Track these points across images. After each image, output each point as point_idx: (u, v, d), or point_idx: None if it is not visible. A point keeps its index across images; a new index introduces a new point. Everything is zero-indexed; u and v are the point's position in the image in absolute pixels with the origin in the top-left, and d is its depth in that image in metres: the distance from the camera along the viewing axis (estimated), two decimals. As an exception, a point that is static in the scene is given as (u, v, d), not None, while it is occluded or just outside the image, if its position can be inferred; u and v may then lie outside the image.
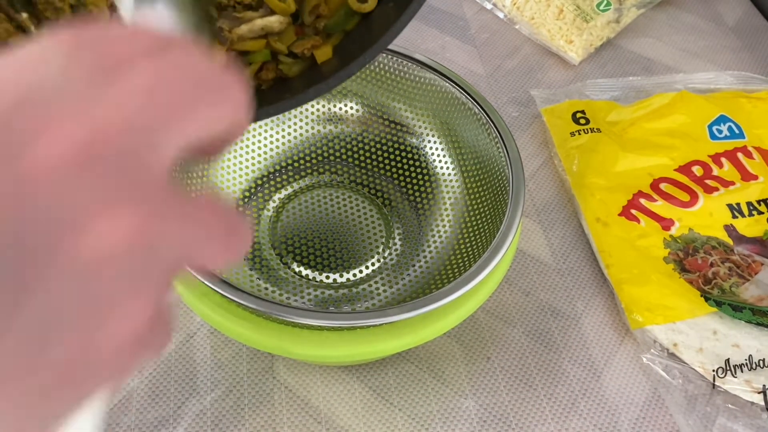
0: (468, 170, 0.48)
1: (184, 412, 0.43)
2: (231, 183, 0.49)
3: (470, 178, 0.48)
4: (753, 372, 0.44)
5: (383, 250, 0.48)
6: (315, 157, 0.52)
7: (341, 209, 0.50)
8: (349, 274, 0.46)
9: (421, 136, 0.51)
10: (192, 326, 0.47)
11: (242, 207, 0.49)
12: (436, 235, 0.48)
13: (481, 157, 0.47)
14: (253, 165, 0.50)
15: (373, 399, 0.44)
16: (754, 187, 0.54)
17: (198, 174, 0.46)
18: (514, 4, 0.73)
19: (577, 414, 0.44)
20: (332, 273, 0.46)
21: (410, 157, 0.51)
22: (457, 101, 0.47)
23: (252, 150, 0.50)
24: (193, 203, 0.16)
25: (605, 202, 0.54)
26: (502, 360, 0.46)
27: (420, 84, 0.49)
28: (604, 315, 0.49)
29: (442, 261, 0.46)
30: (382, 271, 0.47)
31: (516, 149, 0.43)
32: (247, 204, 0.49)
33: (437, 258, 0.46)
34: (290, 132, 0.52)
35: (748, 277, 0.49)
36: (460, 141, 0.49)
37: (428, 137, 0.50)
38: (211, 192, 0.20)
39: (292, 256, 0.47)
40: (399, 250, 0.48)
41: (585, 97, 0.64)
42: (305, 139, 0.52)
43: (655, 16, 0.76)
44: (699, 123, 0.59)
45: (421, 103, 0.50)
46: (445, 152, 0.50)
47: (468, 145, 0.48)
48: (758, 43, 0.73)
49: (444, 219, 0.48)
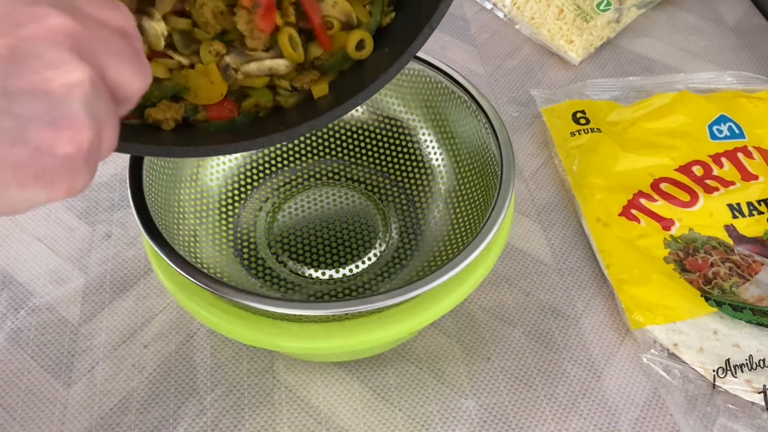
0: (460, 158, 0.48)
1: (184, 412, 0.43)
2: (222, 183, 0.49)
3: (463, 166, 0.48)
4: (753, 372, 0.44)
5: (380, 245, 0.48)
6: (308, 152, 0.52)
7: (337, 206, 0.50)
8: (345, 269, 0.46)
9: (414, 129, 0.51)
10: (192, 327, 0.47)
11: (238, 206, 0.49)
12: (433, 226, 0.48)
13: (471, 143, 0.47)
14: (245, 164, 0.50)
15: (373, 399, 0.44)
16: (754, 187, 0.54)
17: (190, 177, 0.47)
18: (514, 4, 0.73)
19: (577, 414, 0.44)
20: (328, 269, 0.46)
21: (404, 151, 0.51)
22: (446, 90, 0.47)
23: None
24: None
25: (605, 202, 0.54)
26: (502, 360, 0.46)
27: (409, 76, 0.49)
28: (604, 315, 0.49)
29: (438, 250, 0.46)
30: (379, 265, 0.47)
31: (505, 133, 0.43)
32: (243, 204, 0.49)
33: (434, 248, 0.46)
34: None
35: (749, 277, 0.49)
36: (451, 130, 0.49)
37: (420, 129, 0.50)
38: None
39: (288, 254, 0.47)
40: (396, 244, 0.48)
41: (585, 97, 0.64)
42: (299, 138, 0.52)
43: (655, 16, 0.76)
44: (699, 123, 0.59)
45: (412, 95, 0.50)
46: (436, 143, 0.50)
47: (459, 133, 0.48)
48: (758, 43, 0.73)
49: (440, 209, 0.48)
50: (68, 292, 0.49)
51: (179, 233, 0.42)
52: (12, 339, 0.47)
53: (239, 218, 0.48)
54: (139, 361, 0.46)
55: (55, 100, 0.21)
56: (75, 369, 0.45)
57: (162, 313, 0.48)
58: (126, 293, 0.49)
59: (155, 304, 0.49)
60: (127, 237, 0.53)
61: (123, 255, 0.51)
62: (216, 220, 0.47)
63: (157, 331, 0.47)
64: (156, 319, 0.48)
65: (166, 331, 0.47)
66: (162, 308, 0.48)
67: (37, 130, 0.21)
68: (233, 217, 0.48)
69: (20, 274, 0.50)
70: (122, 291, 0.49)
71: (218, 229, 0.47)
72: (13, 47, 0.21)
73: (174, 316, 0.48)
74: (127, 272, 0.50)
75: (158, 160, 0.43)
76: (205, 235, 0.45)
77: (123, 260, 0.51)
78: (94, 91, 0.22)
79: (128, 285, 0.50)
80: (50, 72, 0.21)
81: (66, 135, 0.21)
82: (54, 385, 0.44)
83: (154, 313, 0.48)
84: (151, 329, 0.47)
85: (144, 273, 0.50)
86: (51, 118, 0.21)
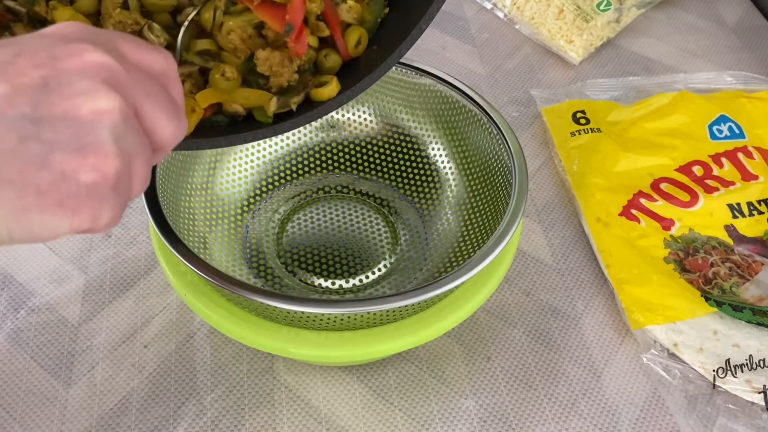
0: (471, 170, 0.48)
1: (184, 413, 0.43)
2: (233, 192, 0.49)
3: (474, 178, 0.48)
4: (753, 372, 0.44)
5: (390, 256, 0.48)
6: (317, 165, 0.52)
7: (346, 218, 0.50)
8: (355, 279, 0.46)
9: (424, 142, 0.51)
10: (192, 327, 0.47)
11: (247, 216, 0.49)
12: (443, 236, 0.48)
13: (483, 155, 0.47)
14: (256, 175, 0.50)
15: (373, 399, 0.44)
16: (754, 187, 0.54)
17: (201, 185, 0.47)
18: (515, 4, 0.73)
19: (577, 414, 0.44)
20: (338, 279, 0.46)
21: (414, 164, 0.51)
22: (456, 104, 0.47)
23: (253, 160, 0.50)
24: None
25: (605, 202, 0.54)
26: (503, 360, 0.46)
27: (419, 90, 0.49)
28: (604, 315, 0.49)
29: (449, 260, 0.46)
30: (389, 276, 0.47)
31: (517, 143, 0.43)
32: (252, 214, 0.49)
33: (444, 258, 0.46)
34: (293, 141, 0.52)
35: (749, 277, 0.49)
36: (461, 142, 0.49)
37: (430, 142, 0.50)
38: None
39: (298, 264, 0.47)
40: (406, 255, 0.48)
41: (585, 97, 0.64)
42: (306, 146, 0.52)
43: (655, 16, 0.76)
44: (699, 123, 0.59)
45: (422, 110, 0.50)
46: (447, 155, 0.50)
47: (469, 144, 0.48)
48: (758, 43, 0.73)
49: (449, 220, 0.48)
50: (68, 292, 0.49)
51: (189, 239, 0.42)
52: (12, 339, 0.47)
53: (249, 228, 0.48)
54: (139, 361, 0.45)
55: (82, 125, 0.21)
56: (75, 369, 0.45)
57: (162, 313, 0.48)
58: (126, 293, 0.49)
59: (155, 304, 0.49)
60: (127, 237, 0.53)
61: (123, 255, 0.51)
62: (226, 228, 0.47)
63: (157, 331, 0.47)
64: (156, 319, 0.48)
65: (166, 331, 0.47)
66: (162, 308, 0.48)
67: (63, 156, 0.21)
68: (242, 226, 0.48)
69: (20, 274, 0.50)
70: (122, 291, 0.49)
71: (228, 237, 0.47)
72: (47, 78, 0.21)
73: (174, 316, 0.48)
74: (127, 272, 0.50)
75: (171, 165, 0.43)
76: (215, 243, 0.45)
77: (123, 260, 0.51)
78: (124, 121, 0.22)
79: (128, 285, 0.50)
80: (80, 99, 0.21)
81: (91, 161, 0.21)
82: (54, 385, 0.44)
83: (154, 313, 0.48)
84: (151, 329, 0.47)
85: (144, 273, 0.50)
86: (78, 143, 0.21)
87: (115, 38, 0.25)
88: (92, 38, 0.23)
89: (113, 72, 0.22)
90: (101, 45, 0.23)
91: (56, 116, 0.21)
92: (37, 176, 0.20)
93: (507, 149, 0.43)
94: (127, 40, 0.25)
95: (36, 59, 0.22)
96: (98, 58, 0.22)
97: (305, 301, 0.35)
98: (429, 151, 0.50)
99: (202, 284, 0.39)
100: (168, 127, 0.24)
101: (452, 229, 0.48)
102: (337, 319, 0.36)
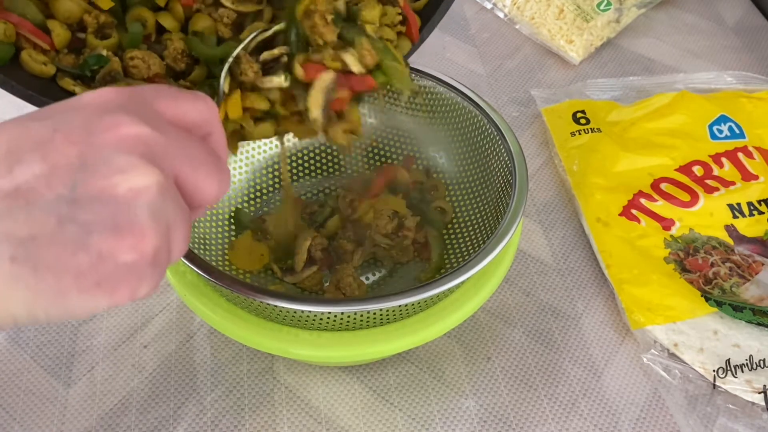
0: (471, 170, 0.48)
1: (184, 413, 0.43)
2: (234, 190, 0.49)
3: (473, 178, 0.48)
4: (753, 372, 0.44)
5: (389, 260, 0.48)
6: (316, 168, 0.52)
7: None
8: None
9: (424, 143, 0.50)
10: (192, 327, 0.47)
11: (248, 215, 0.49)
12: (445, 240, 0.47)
13: (483, 156, 0.47)
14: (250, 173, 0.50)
15: (373, 399, 0.44)
16: (754, 187, 0.54)
17: None
18: (515, 4, 0.73)
19: (577, 414, 0.44)
20: None
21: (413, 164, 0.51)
22: (456, 105, 0.47)
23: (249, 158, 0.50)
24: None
25: (605, 202, 0.54)
26: (503, 360, 0.46)
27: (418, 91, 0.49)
28: (604, 315, 0.49)
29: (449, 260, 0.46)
30: (389, 276, 0.47)
31: (517, 144, 0.43)
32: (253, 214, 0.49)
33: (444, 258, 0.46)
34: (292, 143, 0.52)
35: (749, 277, 0.49)
36: (461, 143, 0.49)
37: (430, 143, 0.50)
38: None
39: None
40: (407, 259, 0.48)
41: (585, 96, 0.64)
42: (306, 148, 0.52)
43: (655, 16, 0.76)
44: (699, 123, 0.59)
45: (422, 111, 0.50)
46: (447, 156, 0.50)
47: (470, 145, 0.48)
48: (758, 43, 0.73)
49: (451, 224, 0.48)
50: (68, 292, 0.49)
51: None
52: (12, 339, 0.47)
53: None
54: (139, 361, 0.45)
55: (119, 205, 0.21)
56: (75, 369, 0.45)
57: (162, 313, 0.48)
58: (126, 293, 0.49)
59: (155, 304, 0.49)
60: (127, 237, 0.53)
61: (123, 255, 0.51)
62: (226, 228, 0.47)
63: (157, 331, 0.47)
64: (156, 319, 0.48)
65: (166, 331, 0.47)
66: (162, 308, 0.48)
67: (100, 237, 0.21)
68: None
69: (20, 274, 0.50)
70: (122, 291, 0.49)
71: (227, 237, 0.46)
72: (84, 156, 0.21)
73: (174, 316, 0.48)
74: (127, 272, 0.50)
75: None
76: (215, 242, 0.45)
77: (123, 260, 0.51)
78: (162, 196, 0.22)
79: (128, 285, 0.50)
80: (117, 177, 0.21)
81: (128, 242, 0.21)
82: (54, 385, 0.44)
83: (154, 313, 0.48)
84: (151, 329, 0.47)
85: (144, 273, 0.50)
86: (114, 224, 0.21)
87: (152, 96, 0.24)
88: (128, 104, 0.23)
89: (150, 144, 0.22)
90: (137, 111, 0.23)
91: (93, 196, 0.21)
92: (75, 259, 0.20)
93: (507, 149, 0.43)
94: (163, 95, 0.25)
95: (72, 136, 0.21)
96: (134, 131, 0.22)
97: (305, 300, 0.35)
98: (429, 152, 0.50)
99: (202, 284, 0.39)
100: (211, 186, 0.24)
101: (452, 229, 0.48)
102: (337, 318, 0.36)
